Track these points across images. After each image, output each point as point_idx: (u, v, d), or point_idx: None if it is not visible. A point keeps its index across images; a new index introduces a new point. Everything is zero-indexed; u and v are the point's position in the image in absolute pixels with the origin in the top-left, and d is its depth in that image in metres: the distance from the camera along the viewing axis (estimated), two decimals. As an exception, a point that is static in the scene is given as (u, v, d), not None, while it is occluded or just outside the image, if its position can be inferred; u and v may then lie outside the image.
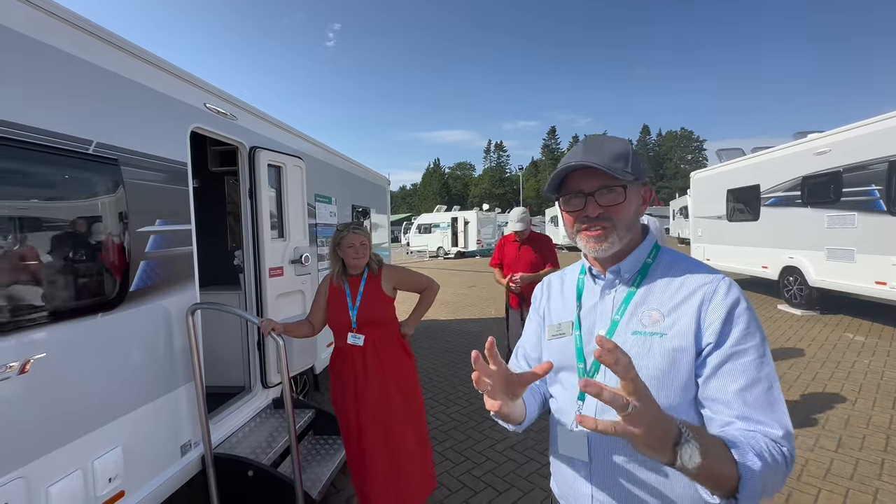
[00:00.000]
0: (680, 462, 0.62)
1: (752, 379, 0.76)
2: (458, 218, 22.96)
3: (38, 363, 1.51)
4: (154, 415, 2.02)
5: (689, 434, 0.63)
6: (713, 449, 0.65)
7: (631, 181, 0.87)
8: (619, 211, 0.88)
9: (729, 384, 0.77)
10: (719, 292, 0.82)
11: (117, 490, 1.80)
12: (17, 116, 1.48)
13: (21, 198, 1.54)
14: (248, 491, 2.31)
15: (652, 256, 0.93)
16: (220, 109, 2.60)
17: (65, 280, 1.65)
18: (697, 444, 0.62)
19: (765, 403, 0.76)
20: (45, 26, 1.60)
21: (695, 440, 0.62)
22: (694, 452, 0.62)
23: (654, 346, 0.83)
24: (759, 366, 0.77)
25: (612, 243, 0.88)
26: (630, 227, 0.90)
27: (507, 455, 3.12)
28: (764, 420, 0.75)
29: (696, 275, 0.87)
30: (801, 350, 5.21)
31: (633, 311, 0.88)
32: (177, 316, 2.18)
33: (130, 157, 1.93)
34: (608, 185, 0.87)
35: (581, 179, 0.89)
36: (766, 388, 0.76)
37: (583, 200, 0.89)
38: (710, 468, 0.63)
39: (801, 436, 3.22)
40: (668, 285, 0.87)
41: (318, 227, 3.89)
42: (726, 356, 0.78)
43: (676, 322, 0.83)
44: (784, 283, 7.42)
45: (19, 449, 1.46)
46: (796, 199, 6.97)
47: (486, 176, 76.19)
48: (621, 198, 0.87)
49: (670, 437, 0.62)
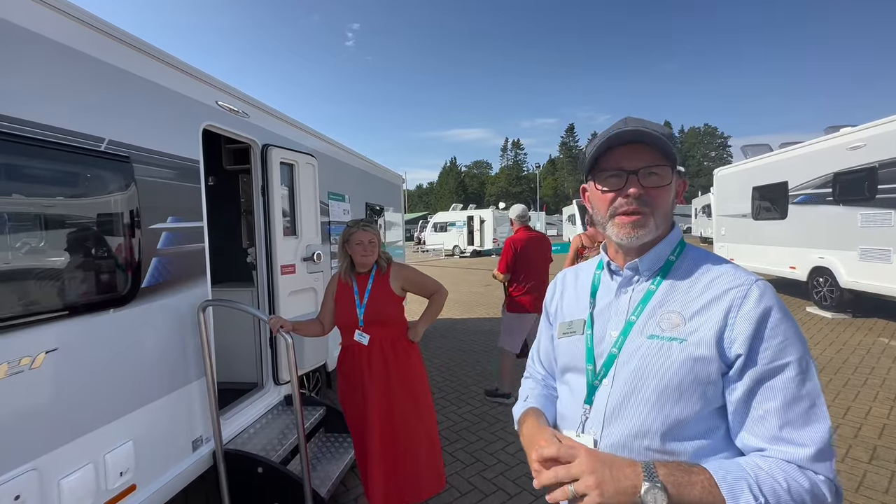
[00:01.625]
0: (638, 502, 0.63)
1: (791, 397, 0.69)
2: (473, 216, 22.86)
3: (50, 358, 1.53)
4: (166, 410, 2.04)
5: (656, 478, 0.64)
6: (689, 490, 0.64)
7: (675, 164, 0.81)
8: (659, 195, 0.80)
9: (763, 404, 0.70)
10: (751, 297, 0.73)
11: (129, 483, 1.82)
12: (31, 114, 1.50)
13: (33, 195, 1.57)
14: (258, 487, 2.32)
15: (676, 253, 0.85)
16: (232, 107, 2.62)
17: (76, 276, 1.67)
18: (663, 491, 0.63)
19: (801, 422, 0.68)
20: (61, 27, 1.62)
21: (661, 487, 0.63)
22: (659, 497, 0.63)
23: (673, 352, 0.75)
24: (801, 382, 0.69)
25: (648, 231, 0.80)
26: (668, 217, 0.83)
27: (518, 458, 3.06)
28: (794, 439, 0.68)
29: (725, 276, 0.78)
30: (831, 355, 4.98)
31: (650, 312, 0.81)
32: (188, 312, 2.19)
33: (142, 155, 1.95)
34: (654, 164, 0.79)
35: (623, 156, 0.80)
36: (808, 406, 0.69)
37: (623, 179, 0.80)
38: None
39: (830, 445, 3.06)
40: (693, 286, 0.80)
41: (331, 225, 3.89)
42: (761, 374, 0.70)
43: (699, 328, 0.75)
44: (813, 285, 7.11)
45: (32, 442, 1.48)
46: (827, 197, 6.67)
47: (503, 174, 75.81)
48: (666, 180, 0.80)
49: (629, 490, 0.64)
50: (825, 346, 5.32)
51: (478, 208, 25.94)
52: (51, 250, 1.61)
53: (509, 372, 3.86)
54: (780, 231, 7.84)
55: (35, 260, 1.57)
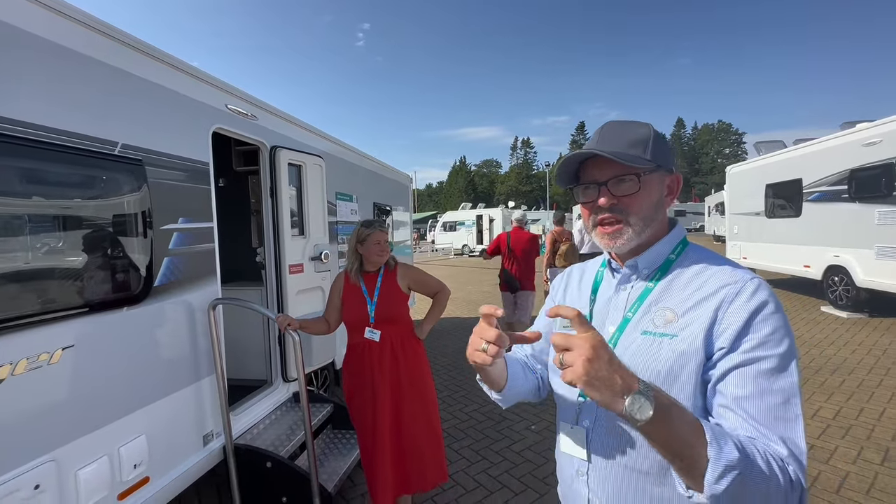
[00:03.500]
0: (627, 411, 0.59)
1: (762, 389, 0.68)
2: (483, 215, 22.84)
3: (67, 354, 1.60)
4: (177, 405, 2.10)
5: (649, 391, 0.61)
6: (677, 413, 0.62)
7: (648, 169, 0.81)
8: (632, 202, 0.82)
9: (735, 390, 0.69)
10: (743, 294, 0.74)
11: (142, 476, 1.89)
12: (50, 120, 1.57)
13: (51, 197, 1.63)
14: (267, 482, 2.38)
15: (676, 252, 0.86)
16: (241, 110, 2.67)
17: (92, 275, 1.74)
18: (652, 400, 0.60)
19: (771, 417, 0.67)
20: (81, 37, 1.68)
21: (652, 397, 0.60)
22: (645, 406, 0.59)
23: (664, 347, 0.77)
24: (775, 376, 0.68)
25: (627, 239, 0.83)
26: (649, 220, 0.83)
27: (524, 456, 3.07)
28: (767, 434, 0.66)
29: (720, 274, 0.78)
30: (846, 355, 4.89)
31: (646, 309, 0.82)
32: (199, 310, 2.25)
33: (154, 158, 2.01)
34: (620, 174, 0.81)
35: (594, 168, 0.85)
36: (780, 401, 0.68)
37: (596, 191, 0.84)
38: (667, 433, 0.61)
39: (841, 447, 3.01)
40: (689, 284, 0.80)
41: (338, 225, 3.94)
42: (737, 362, 0.70)
43: (691, 323, 0.76)
44: (828, 284, 6.97)
45: (50, 434, 1.54)
46: (843, 194, 6.53)
47: (513, 173, 75.45)
48: (635, 188, 0.81)
49: (618, 386, 0.60)
50: (840, 346, 5.22)
51: (487, 207, 25.87)
52: (68, 250, 1.67)
53: None
54: (794, 229, 7.69)
55: (53, 260, 1.63)
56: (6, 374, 1.40)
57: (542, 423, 3.53)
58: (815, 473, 2.73)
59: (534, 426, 3.50)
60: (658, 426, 0.60)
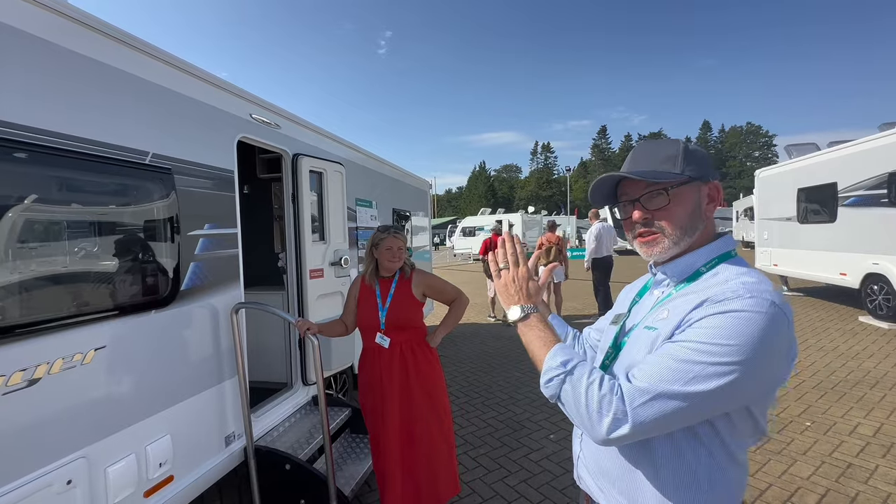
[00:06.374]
0: (506, 314, 0.98)
1: (661, 354, 0.76)
2: (502, 220, 22.76)
3: (99, 354, 1.67)
4: (201, 406, 2.16)
5: (528, 309, 0.94)
6: (538, 329, 0.92)
7: (677, 182, 0.86)
8: (664, 215, 0.87)
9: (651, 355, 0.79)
10: (727, 300, 0.74)
11: (167, 474, 1.94)
12: (87, 132, 1.65)
13: (86, 204, 1.71)
14: (285, 483, 2.41)
15: (709, 266, 0.87)
16: (264, 119, 2.75)
17: (123, 279, 1.81)
18: (523, 314, 0.94)
19: (649, 372, 0.76)
20: (114, 51, 1.77)
21: (527, 313, 0.94)
22: (516, 313, 0.95)
23: (647, 337, 0.85)
24: (685, 351, 0.73)
25: (663, 248, 0.88)
26: (686, 230, 0.87)
27: (542, 465, 3.02)
28: (632, 377, 0.77)
29: (731, 286, 0.77)
30: (887, 368, 4.62)
31: (658, 310, 0.89)
32: (223, 314, 2.32)
33: (182, 166, 2.09)
34: (651, 190, 0.88)
35: (627, 187, 0.93)
36: (671, 367, 0.74)
37: (631, 207, 0.91)
38: (525, 339, 0.93)
39: (882, 466, 2.84)
40: (699, 292, 0.83)
41: (358, 231, 4.00)
42: (670, 340, 0.78)
43: (672, 320, 0.81)
44: (867, 293, 6.62)
45: (82, 432, 1.61)
46: (882, 199, 6.21)
47: (533, 178, 74.94)
48: (664, 201, 0.87)
49: (512, 302, 0.97)
50: (880, 358, 4.95)
51: (507, 212, 25.73)
52: (101, 255, 1.75)
53: None
54: (828, 235, 7.35)
55: (88, 264, 1.71)
56: (43, 373, 1.47)
57: (561, 433, 3.46)
58: (853, 494, 2.58)
59: (553, 435, 3.44)
60: (522, 331, 0.94)
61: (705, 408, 0.74)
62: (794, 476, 2.79)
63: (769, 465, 2.91)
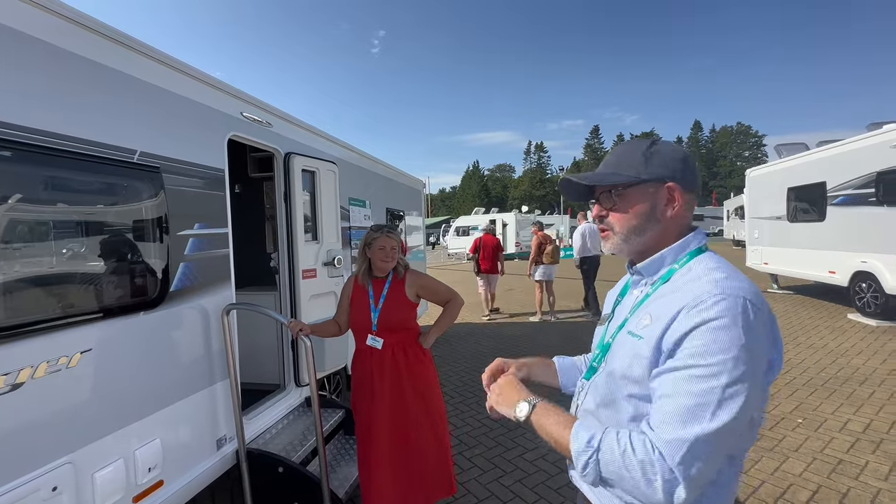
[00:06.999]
0: (514, 415, 0.92)
1: (677, 391, 0.73)
2: (496, 220, 22.78)
3: (85, 357, 1.63)
4: (191, 409, 2.12)
5: (533, 402, 0.90)
6: (552, 416, 0.87)
7: (625, 184, 0.90)
8: (614, 214, 0.94)
9: (659, 390, 0.77)
10: (701, 305, 0.75)
11: (157, 479, 1.91)
12: (71, 129, 1.61)
13: (72, 203, 1.67)
14: (278, 486, 2.38)
15: (681, 262, 0.89)
16: (256, 117, 2.71)
17: (110, 280, 1.77)
18: (531, 407, 0.90)
19: (670, 416, 0.73)
20: (101, 48, 1.73)
21: (533, 406, 0.90)
22: (524, 409, 0.90)
23: (633, 346, 0.85)
24: (692, 381, 0.72)
25: (613, 245, 0.95)
26: (635, 230, 0.91)
27: (537, 465, 3.02)
28: (648, 432, 0.74)
29: (702, 286, 0.79)
30: (875, 365, 4.69)
31: (639, 312, 0.89)
32: (213, 315, 2.28)
33: (171, 165, 2.05)
34: (602, 192, 0.95)
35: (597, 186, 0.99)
36: (693, 404, 0.72)
37: (596, 203, 0.99)
38: (541, 427, 0.87)
39: (872, 462, 2.88)
40: (675, 292, 0.84)
41: (351, 230, 3.97)
42: (670, 367, 0.76)
43: (655, 328, 0.81)
44: (855, 290, 6.72)
45: (68, 437, 1.57)
46: (870, 198, 6.30)
47: (526, 177, 75.13)
48: (613, 202, 0.93)
49: (514, 402, 0.94)
50: (869, 355, 5.02)
51: (500, 212, 25.77)
52: (87, 256, 1.71)
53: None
54: (817, 234, 7.45)
55: (74, 265, 1.67)
56: (27, 377, 1.43)
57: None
58: (844, 490, 2.61)
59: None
60: (536, 423, 0.89)
61: (737, 427, 0.72)
62: (786, 473, 2.81)
63: (762, 462, 2.93)
